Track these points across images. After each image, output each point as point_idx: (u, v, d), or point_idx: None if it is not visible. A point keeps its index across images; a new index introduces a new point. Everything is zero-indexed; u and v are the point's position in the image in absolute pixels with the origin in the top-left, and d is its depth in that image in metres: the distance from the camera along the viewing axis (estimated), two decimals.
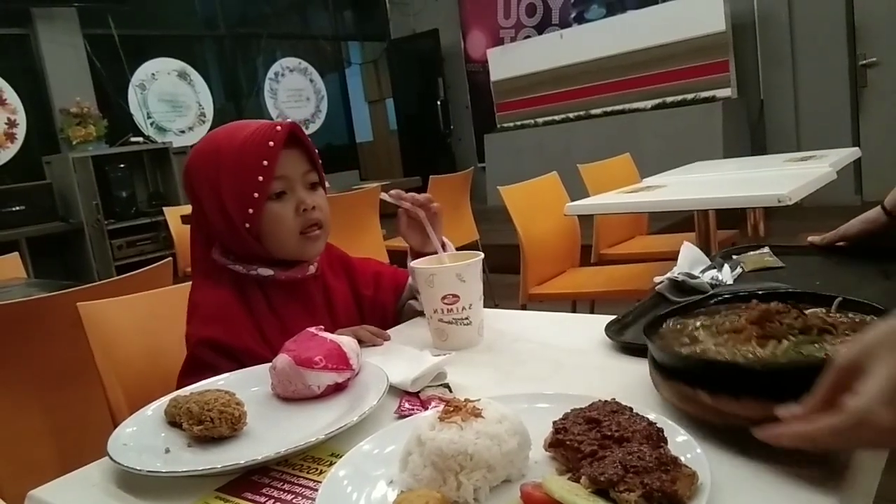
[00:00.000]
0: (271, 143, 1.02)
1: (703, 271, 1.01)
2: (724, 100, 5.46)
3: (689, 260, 1.05)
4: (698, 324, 0.69)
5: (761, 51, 5.60)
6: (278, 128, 1.03)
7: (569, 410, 0.61)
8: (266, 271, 1.07)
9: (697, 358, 0.62)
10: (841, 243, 1.08)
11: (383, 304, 1.21)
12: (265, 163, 1.02)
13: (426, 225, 1.10)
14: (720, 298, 0.76)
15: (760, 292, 0.73)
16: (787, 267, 1.06)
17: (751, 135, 5.71)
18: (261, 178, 1.02)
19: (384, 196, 1.13)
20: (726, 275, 0.99)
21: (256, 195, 1.02)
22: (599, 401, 0.61)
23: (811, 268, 1.06)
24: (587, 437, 0.55)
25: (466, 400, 0.62)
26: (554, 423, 0.59)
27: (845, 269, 1.04)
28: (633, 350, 0.82)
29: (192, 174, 1.08)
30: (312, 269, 1.11)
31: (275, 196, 1.05)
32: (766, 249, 1.13)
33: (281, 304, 1.08)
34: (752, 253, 1.12)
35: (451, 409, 0.60)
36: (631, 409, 0.60)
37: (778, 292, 0.73)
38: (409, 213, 1.13)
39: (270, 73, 7.28)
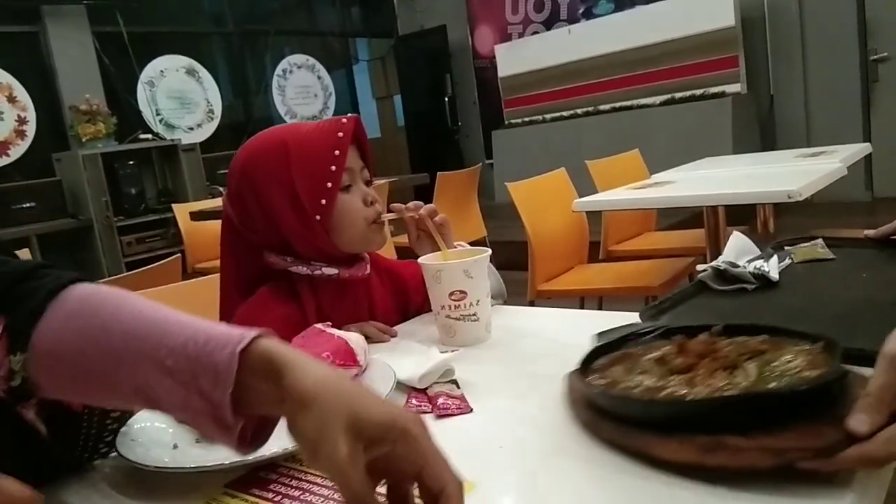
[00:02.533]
0: (340, 134, 1.02)
1: (750, 261, 1.00)
2: (734, 95, 5.43)
3: (737, 249, 1.04)
4: (645, 360, 0.66)
5: (771, 46, 5.56)
6: (344, 120, 1.04)
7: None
8: (331, 270, 1.05)
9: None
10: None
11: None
12: (337, 152, 1.02)
13: (434, 234, 1.09)
14: (648, 333, 0.74)
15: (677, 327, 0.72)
16: (838, 259, 1.05)
17: (760, 130, 5.68)
18: (333, 168, 1.02)
19: (387, 215, 1.09)
20: (773, 266, 0.98)
21: (330, 185, 1.02)
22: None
23: (862, 260, 1.04)
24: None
25: None
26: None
27: None
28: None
29: (251, 171, 1.03)
30: (367, 268, 1.11)
31: (344, 188, 1.05)
32: (819, 241, 1.11)
33: (328, 304, 1.06)
34: (803, 245, 1.11)
35: None
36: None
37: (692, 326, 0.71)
38: (417, 223, 1.11)
39: (278, 70, 7.29)
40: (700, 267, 1.02)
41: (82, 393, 0.57)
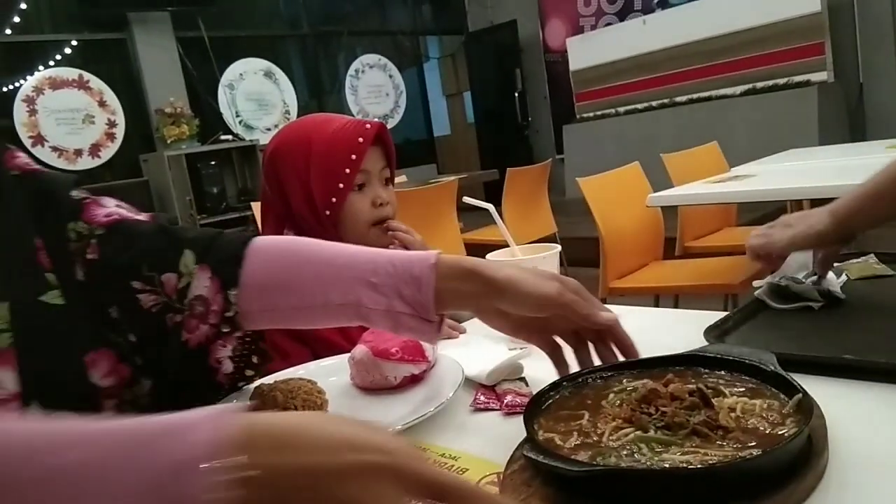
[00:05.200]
0: (361, 140, 1.10)
1: (807, 277, 0.92)
2: (820, 84, 5.17)
3: (797, 264, 0.96)
4: (611, 395, 0.62)
5: (860, 31, 5.26)
6: (368, 126, 1.12)
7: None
8: None
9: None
10: None
11: None
12: (353, 157, 1.10)
13: (503, 231, 1.09)
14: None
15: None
16: None
17: (849, 121, 5.39)
18: (348, 171, 1.10)
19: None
20: (833, 282, 0.90)
21: (342, 186, 1.11)
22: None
23: None
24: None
25: None
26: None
27: None
28: None
29: (278, 159, 1.14)
30: None
31: (356, 188, 1.13)
32: (872, 256, 1.04)
33: None
34: (855, 261, 1.04)
35: None
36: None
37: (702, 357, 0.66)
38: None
39: (351, 71, 7.42)
40: (756, 282, 0.95)
41: (289, 317, 0.69)
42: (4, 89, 5.50)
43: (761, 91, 5.50)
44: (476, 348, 0.91)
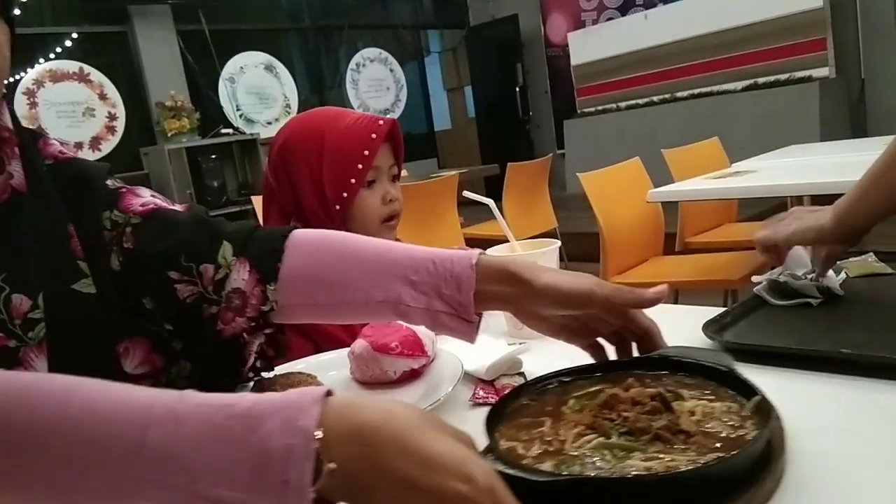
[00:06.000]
0: (374, 136, 1.11)
1: (807, 274, 0.92)
2: (822, 79, 5.15)
3: (798, 261, 0.96)
4: (571, 401, 0.61)
5: (862, 26, 5.25)
6: (380, 122, 1.13)
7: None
8: None
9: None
10: None
11: None
12: (366, 153, 1.11)
13: (502, 225, 1.09)
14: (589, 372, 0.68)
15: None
16: None
17: (851, 117, 5.37)
18: (360, 167, 1.10)
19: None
20: (832, 279, 0.90)
21: (353, 181, 1.11)
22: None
23: None
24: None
25: None
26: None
27: None
28: (735, 351, 0.78)
29: (288, 152, 1.13)
30: None
31: (367, 184, 1.13)
32: (871, 255, 1.04)
33: None
34: (854, 259, 1.04)
35: None
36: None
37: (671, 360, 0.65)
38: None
39: (352, 64, 7.41)
40: (756, 278, 0.95)
41: (328, 312, 0.69)
42: (5, 82, 5.48)
43: (763, 87, 5.48)
44: (476, 343, 0.92)
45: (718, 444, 0.51)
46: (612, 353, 0.70)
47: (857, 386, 0.66)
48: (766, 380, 0.70)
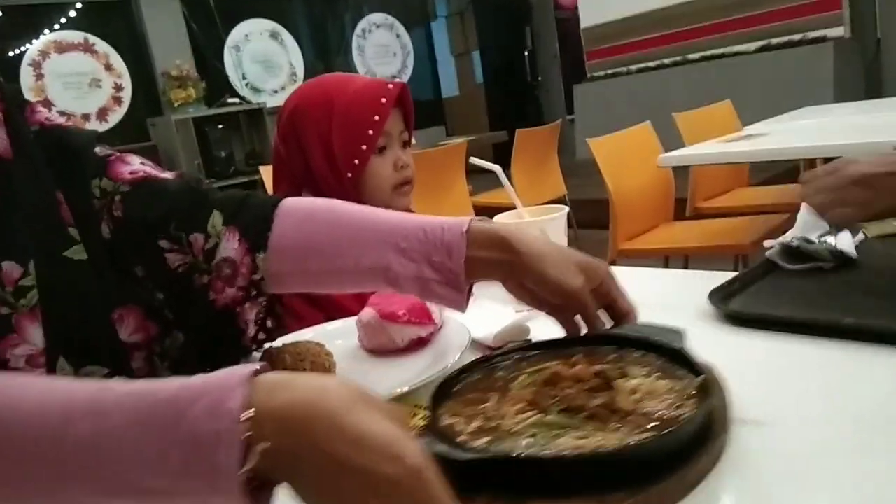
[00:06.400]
0: (383, 100, 1.08)
1: (821, 237, 0.89)
2: (836, 39, 5.05)
3: (807, 224, 0.93)
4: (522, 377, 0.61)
5: None
6: (390, 86, 1.10)
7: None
8: None
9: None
10: None
11: None
12: (376, 118, 1.08)
13: (510, 192, 1.06)
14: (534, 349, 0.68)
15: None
16: None
17: (865, 77, 5.27)
18: (370, 132, 1.08)
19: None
20: (846, 242, 0.87)
21: (364, 147, 1.09)
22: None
23: None
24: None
25: None
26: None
27: None
28: (741, 320, 0.77)
29: (297, 118, 1.12)
30: None
31: (378, 150, 1.11)
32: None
33: None
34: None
35: None
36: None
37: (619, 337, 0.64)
38: None
39: (357, 31, 7.31)
40: (767, 243, 0.93)
41: (319, 280, 0.69)
42: (11, 53, 5.47)
43: (776, 47, 5.38)
44: (483, 310, 0.91)
45: (652, 425, 0.50)
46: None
47: (856, 354, 0.65)
48: (770, 345, 0.70)
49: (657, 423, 0.50)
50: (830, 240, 0.89)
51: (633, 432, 0.50)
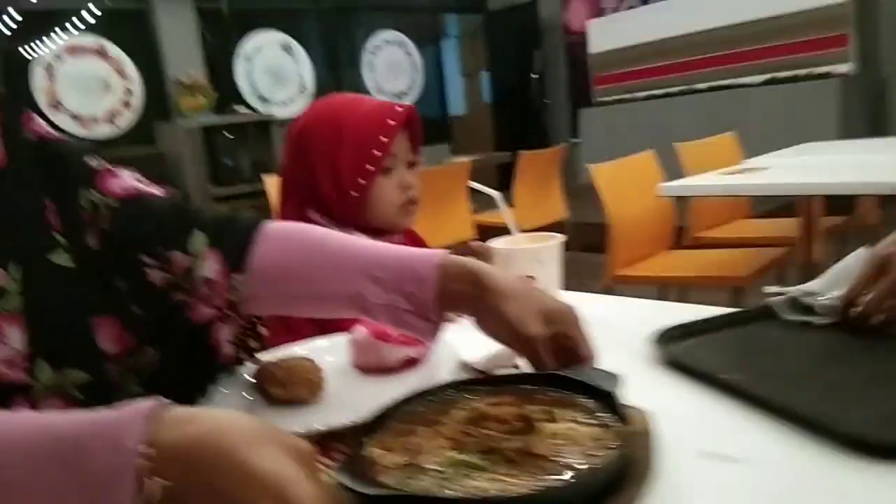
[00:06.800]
0: (391, 122, 1.10)
1: (830, 297, 0.80)
2: (842, 76, 5.09)
3: (835, 279, 0.83)
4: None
5: (886, 23, 5.16)
6: (399, 108, 1.12)
7: None
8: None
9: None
10: None
11: None
12: (383, 139, 1.10)
13: (508, 221, 1.09)
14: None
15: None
16: None
17: (871, 115, 5.30)
18: (377, 153, 1.10)
19: None
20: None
21: (371, 168, 1.11)
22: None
23: None
24: None
25: None
26: None
27: None
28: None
29: (306, 136, 1.14)
30: (398, 240, 1.15)
31: (384, 171, 1.13)
32: None
33: None
34: None
35: None
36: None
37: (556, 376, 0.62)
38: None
39: (369, 47, 7.39)
40: (767, 289, 0.87)
41: (296, 304, 0.72)
42: (26, 56, 5.52)
43: (782, 81, 5.42)
44: (474, 334, 0.93)
45: (562, 472, 0.49)
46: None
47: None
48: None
49: (567, 472, 0.49)
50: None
51: (541, 478, 0.49)
